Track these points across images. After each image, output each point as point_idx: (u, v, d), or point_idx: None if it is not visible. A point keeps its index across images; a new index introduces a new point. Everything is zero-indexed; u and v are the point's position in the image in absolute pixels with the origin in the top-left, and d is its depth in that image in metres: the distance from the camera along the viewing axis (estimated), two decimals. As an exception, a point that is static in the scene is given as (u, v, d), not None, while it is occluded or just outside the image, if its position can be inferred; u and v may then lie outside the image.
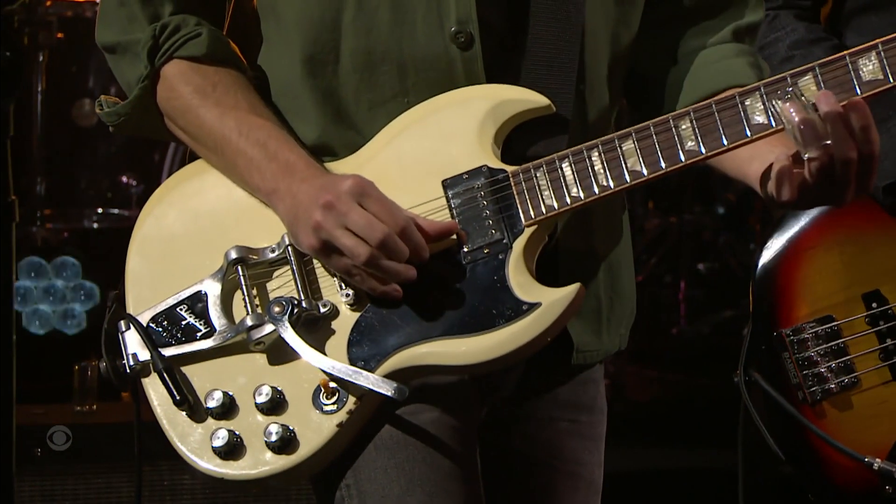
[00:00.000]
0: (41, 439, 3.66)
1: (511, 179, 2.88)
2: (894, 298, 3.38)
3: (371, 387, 2.85)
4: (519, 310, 2.84)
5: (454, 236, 2.88)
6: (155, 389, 2.96)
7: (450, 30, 2.92)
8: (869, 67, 2.77)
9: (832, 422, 3.32)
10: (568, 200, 2.85)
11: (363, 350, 2.89)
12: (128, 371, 2.98)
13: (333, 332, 2.92)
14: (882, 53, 2.77)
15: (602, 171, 2.85)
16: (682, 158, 2.83)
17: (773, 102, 2.78)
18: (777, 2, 3.40)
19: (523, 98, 2.91)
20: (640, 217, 5.23)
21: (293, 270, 2.94)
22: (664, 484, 4.20)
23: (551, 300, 2.84)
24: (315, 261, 2.93)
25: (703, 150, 2.83)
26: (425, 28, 2.92)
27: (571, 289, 2.84)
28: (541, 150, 2.91)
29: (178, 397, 2.91)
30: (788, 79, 2.79)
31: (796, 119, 2.69)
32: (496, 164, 2.89)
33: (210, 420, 2.93)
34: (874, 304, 3.36)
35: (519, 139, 2.93)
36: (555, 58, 2.95)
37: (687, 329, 4.90)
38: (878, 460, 3.28)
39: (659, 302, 4.90)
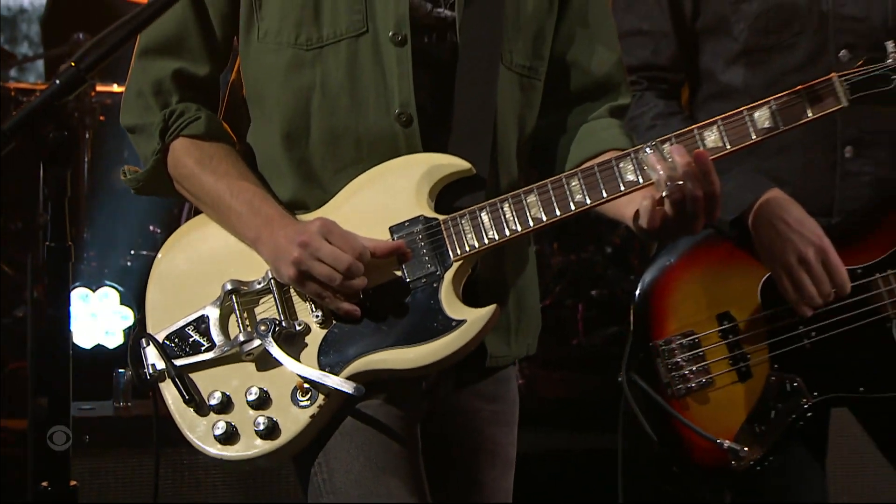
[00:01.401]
0: (88, 429, 3.65)
1: (442, 225, 2.90)
2: (740, 317, 3.39)
3: (336, 387, 2.87)
4: (449, 325, 2.87)
5: (400, 269, 2.90)
6: (169, 391, 2.98)
7: (394, 112, 2.94)
8: (712, 137, 2.82)
9: (693, 412, 3.34)
10: (486, 241, 2.88)
11: (330, 358, 2.91)
12: (148, 378, 3.00)
13: (307, 344, 2.94)
14: (721, 127, 2.81)
15: (512, 218, 2.88)
16: (573, 207, 2.86)
17: (641, 158, 2.82)
18: (643, 84, 3.41)
19: (450, 163, 2.93)
20: (547, 255, 5.26)
21: (275, 298, 2.95)
22: (566, 460, 4.19)
23: (474, 318, 2.86)
24: (292, 290, 2.94)
25: (589, 201, 2.86)
26: (375, 111, 2.95)
27: (489, 309, 2.87)
28: (464, 202, 2.93)
29: (186, 397, 2.94)
30: (649, 145, 2.83)
31: (658, 166, 2.75)
32: (430, 213, 2.91)
33: (212, 414, 2.96)
34: (725, 322, 3.38)
35: (448, 194, 2.94)
36: (474, 133, 2.97)
37: (584, 341, 4.93)
38: (727, 441, 3.30)
39: (562, 320, 4.95)
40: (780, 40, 3.44)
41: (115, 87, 5.11)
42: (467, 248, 2.90)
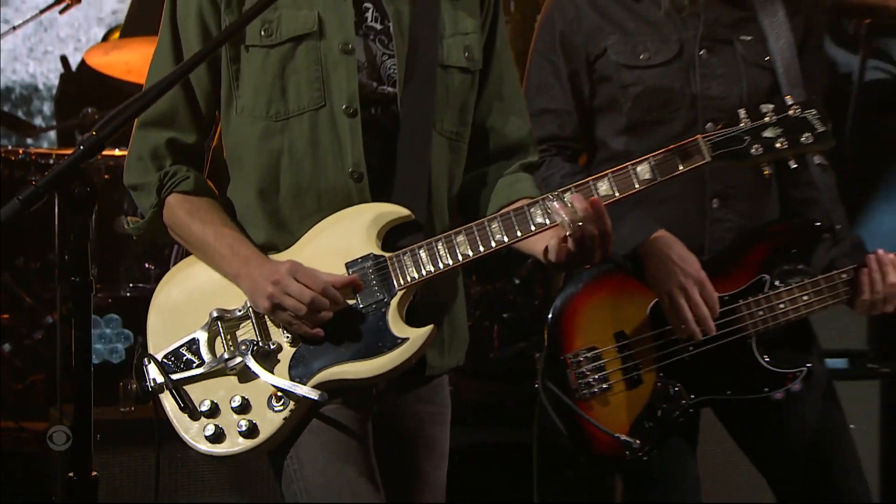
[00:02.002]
0: (98, 429, 3.63)
1: (388, 261, 2.91)
2: (633, 335, 3.42)
3: (304, 394, 2.89)
4: (395, 343, 2.89)
5: (354, 297, 2.92)
6: (168, 400, 2.99)
7: (348, 170, 2.95)
8: (604, 187, 2.86)
9: (595, 411, 3.36)
10: (424, 273, 2.90)
11: (298, 371, 2.92)
12: (150, 390, 3.01)
13: (279, 360, 2.95)
14: (611, 179, 2.86)
15: (445, 254, 2.90)
16: (493, 245, 2.89)
17: (548, 205, 2.86)
18: (552, 151, 3.43)
19: (394, 211, 2.95)
20: (468, 285, 5.28)
21: (253, 323, 2.97)
22: (487, 453, 4.18)
23: (415, 336, 2.89)
24: (266, 316, 2.95)
25: (506, 240, 2.89)
26: (333, 170, 2.96)
27: (427, 329, 2.89)
28: (406, 242, 2.94)
29: (182, 405, 2.96)
30: (553, 194, 2.88)
31: (562, 211, 2.79)
32: (378, 252, 2.92)
33: (202, 418, 2.97)
34: (620, 339, 3.41)
35: (392, 235, 2.95)
36: (413, 186, 2.98)
37: (498, 354, 4.94)
38: (622, 435, 3.32)
39: (481, 338, 4.94)
40: (659, 116, 3.47)
41: (116, 152, 5.06)
42: (409, 280, 2.92)
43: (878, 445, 4.54)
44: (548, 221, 2.88)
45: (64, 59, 6.64)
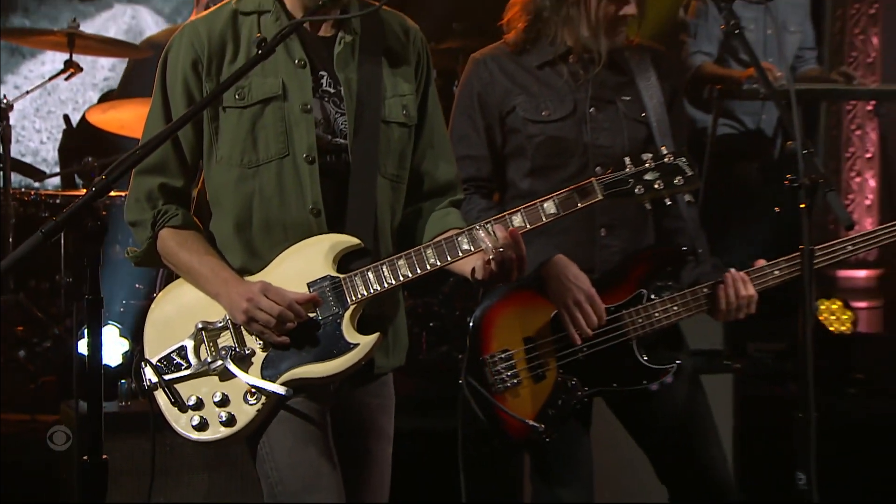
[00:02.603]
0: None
1: (342, 281, 2.89)
2: (538, 339, 3.41)
3: (273, 390, 2.88)
4: (348, 347, 2.88)
5: (314, 311, 2.90)
6: (161, 397, 2.96)
7: (308, 207, 2.93)
8: (518, 219, 2.88)
9: (508, 402, 3.35)
10: (372, 291, 2.89)
11: (269, 371, 2.90)
12: (146, 388, 2.99)
13: (253, 363, 2.92)
14: (523, 213, 2.88)
15: (388, 275, 2.89)
16: (428, 267, 2.89)
17: (475, 234, 2.86)
18: (471, 190, 3.42)
19: (347, 240, 2.93)
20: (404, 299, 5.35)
21: (231, 333, 2.95)
22: (424, 437, 4.16)
23: (364, 342, 2.88)
24: (242, 327, 2.93)
25: (439, 263, 2.89)
26: (296, 207, 2.95)
27: (374, 336, 2.89)
28: (357, 265, 2.93)
29: (172, 400, 2.94)
30: (479, 225, 2.89)
31: (487, 239, 2.81)
32: (334, 273, 2.90)
33: (189, 411, 2.94)
34: (528, 343, 3.41)
35: (345, 260, 2.94)
36: (361, 220, 2.97)
37: (425, 356, 4.93)
38: (530, 420, 3.32)
39: (412, 343, 4.96)
40: (558, 162, 3.47)
41: (112, 193, 5.03)
42: (359, 296, 2.90)
43: (732, 426, 4.57)
44: (472, 248, 2.89)
45: (66, 118, 6.59)
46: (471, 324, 3.46)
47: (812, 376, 2.89)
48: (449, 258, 2.91)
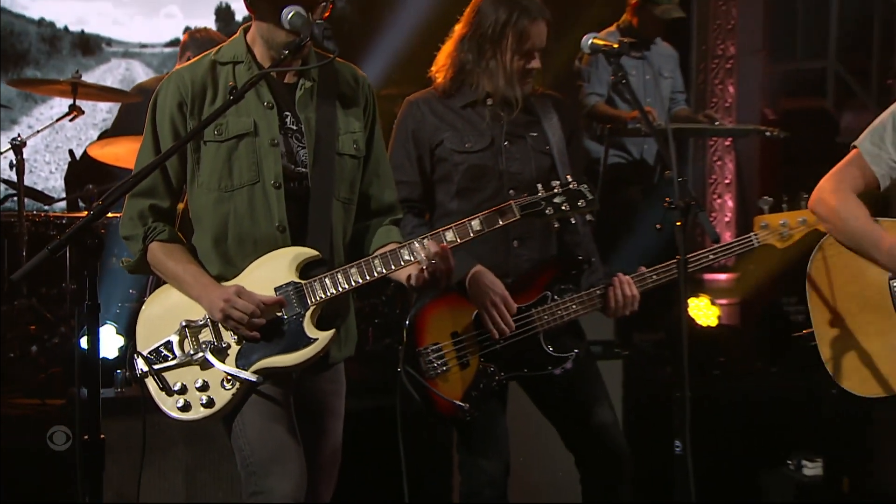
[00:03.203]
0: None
1: (304, 286, 2.85)
2: (463, 334, 3.38)
3: (246, 377, 2.83)
4: (309, 342, 2.84)
5: (280, 311, 2.86)
6: (151, 383, 2.90)
7: (275, 225, 2.90)
8: (449, 235, 2.86)
9: (439, 386, 3.32)
10: (328, 294, 2.86)
11: (242, 362, 2.85)
12: (138, 376, 2.92)
13: (229, 354, 2.87)
14: (454, 230, 2.87)
15: (342, 281, 2.86)
16: (376, 275, 2.86)
17: (413, 247, 2.84)
18: (405, 210, 3.35)
19: (307, 252, 2.89)
20: (353, 301, 5.25)
21: (210, 329, 2.89)
22: (370, 414, 4.11)
23: (322, 337, 2.84)
24: (220, 324, 2.87)
25: (384, 271, 2.87)
26: (265, 225, 2.91)
27: (330, 332, 2.85)
28: (316, 273, 2.89)
29: (161, 386, 2.88)
30: (416, 240, 2.87)
31: (422, 252, 2.79)
32: (297, 280, 2.86)
33: (175, 395, 2.88)
34: (454, 337, 3.37)
35: (306, 269, 2.90)
36: (319, 236, 2.93)
37: (372, 348, 4.88)
38: (457, 401, 3.30)
39: (361, 337, 4.91)
40: (478, 185, 3.44)
41: (109, 214, 4.94)
42: (318, 299, 2.87)
43: (622, 404, 4.57)
44: (411, 258, 2.86)
45: (71, 152, 6.51)
46: (407, 321, 3.42)
47: (686, 361, 2.90)
48: (392, 267, 2.88)
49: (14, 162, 5.22)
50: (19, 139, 5.22)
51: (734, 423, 4.93)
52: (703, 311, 5.50)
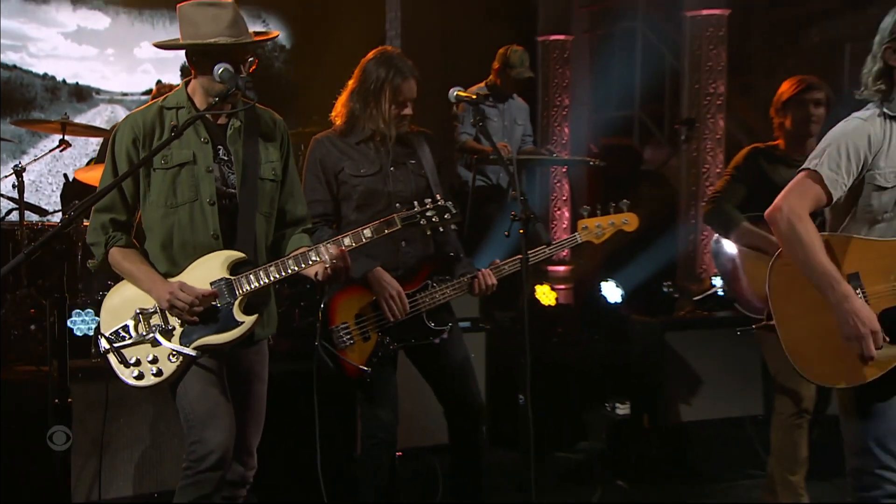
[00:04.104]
0: (79, 370, 3.18)
1: (233, 281, 2.72)
2: (364, 315, 3.27)
3: (187, 353, 2.68)
4: (238, 324, 2.70)
5: (215, 300, 2.71)
6: (112, 358, 2.73)
7: (210, 234, 2.75)
8: (347, 240, 2.76)
9: (348, 354, 3.21)
10: (253, 287, 2.72)
11: (184, 340, 2.70)
12: (102, 352, 2.75)
13: (174, 335, 2.70)
14: (350, 236, 2.77)
15: (264, 276, 2.72)
16: (289, 272, 2.73)
17: (319, 250, 2.74)
18: (320, 223, 3.25)
19: (237, 254, 2.75)
20: (283, 289, 4.87)
21: (159, 315, 2.72)
22: (291, 377, 3.90)
23: (248, 321, 2.71)
24: (167, 311, 2.71)
25: (296, 269, 2.74)
26: (202, 234, 2.76)
27: (254, 316, 2.73)
28: (243, 270, 2.75)
29: (119, 360, 2.71)
30: (321, 244, 2.75)
31: (326, 254, 2.69)
32: (228, 276, 2.73)
33: (131, 367, 2.71)
34: (359, 318, 3.26)
35: (236, 267, 2.76)
36: (246, 241, 2.79)
37: (298, 325, 4.66)
38: (361, 366, 3.22)
39: (288, 317, 4.69)
40: (372, 202, 3.32)
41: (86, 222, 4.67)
42: (245, 290, 2.73)
43: (485, 368, 4.50)
44: (317, 259, 2.75)
45: (65, 175, 6.28)
46: (322, 305, 3.30)
47: (528, 333, 2.85)
48: (302, 266, 2.76)
49: (16, 183, 4.96)
50: (20, 165, 5.00)
51: (567, 378, 4.88)
52: (546, 295, 5.49)
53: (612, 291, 5.16)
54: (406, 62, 3.29)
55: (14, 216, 5.12)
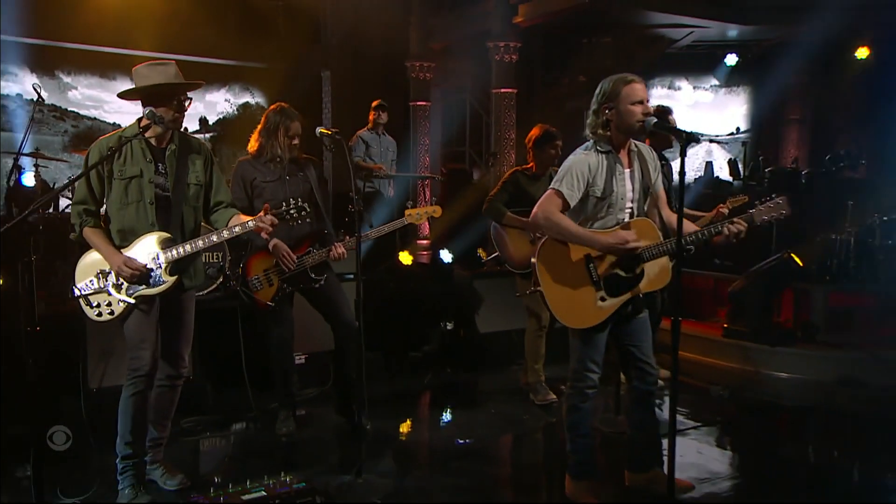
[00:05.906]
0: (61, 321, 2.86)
1: (164, 252, 2.58)
2: (271, 269, 3.15)
3: (130, 301, 2.54)
4: (164, 282, 2.59)
5: (151, 268, 2.57)
6: (82, 302, 2.57)
7: (150, 223, 2.60)
8: (250, 224, 2.65)
9: (260, 294, 3.11)
10: (175, 256, 2.59)
11: (129, 292, 2.56)
12: (75, 297, 2.58)
13: (122, 288, 2.56)
14: (256, 221, 2.65)
15: (191, 247, 2.61)
16: (222, 238, 2.62)
17: (232, 229, 2.62)
18: (239, 211, 2.97)
19: (166, 235, 2.61)
20: (226, 253, 4.46)
21: (112, 275, 2.57)
22: (225, 313, 3.66)
23: (170, 280, 2.59)
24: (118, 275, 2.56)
25: (227, 236, 2.63)
26: (144, 222, 2.60)
27: (174, 277, 2.60)
28: (171, 246, 2.60)
29: (87, 304, 2.56)
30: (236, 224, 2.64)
31: (241, 230, 2.56)
32: (159, 250, 2.59)
33: (94, 308, 2.56)
34: (268, 270, 3.14)
35: (166, 244, 2.61)
36: (175, 227, 2.64)
37: (232, 286, 4.12)
38: (268, 301, 3.12)
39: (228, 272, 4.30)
40: (275, 201, 3.11)
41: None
42: (172, 257, 2.60)
43: (362, 309, 4.19)
44: (246, 228, 2.63)
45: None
46: (241, 264, 3.24)
47: (359, 288, 2.79)
48: (236, 231, 2.62)
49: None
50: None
51: (418, 309, 4.75)
52: (406, 257, 5.43)
53: (446, 255, 5.21)
54: (293, 111, 3.24)
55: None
